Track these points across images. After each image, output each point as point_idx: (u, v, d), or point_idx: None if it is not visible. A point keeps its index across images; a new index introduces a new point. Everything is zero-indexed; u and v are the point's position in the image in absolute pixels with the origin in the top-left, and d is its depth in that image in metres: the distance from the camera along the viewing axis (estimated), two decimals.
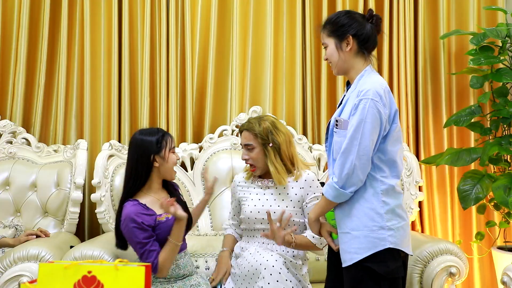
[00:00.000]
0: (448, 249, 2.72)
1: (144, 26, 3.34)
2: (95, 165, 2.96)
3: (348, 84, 2.13)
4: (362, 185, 1.96)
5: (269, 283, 2.22)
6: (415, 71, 3.47)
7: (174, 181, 2.50)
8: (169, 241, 2.29)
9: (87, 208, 3.27)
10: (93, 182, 2.92)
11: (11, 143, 3.23)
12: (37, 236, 2.77)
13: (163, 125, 3.30)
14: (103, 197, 2.92)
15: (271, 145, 2.39)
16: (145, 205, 2.32)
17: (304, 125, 3.39)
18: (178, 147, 3.25)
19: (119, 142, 3.28)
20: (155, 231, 2.30)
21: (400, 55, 3.39)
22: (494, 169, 3.25)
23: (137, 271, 1.51)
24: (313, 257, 2.82)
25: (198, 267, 2.72)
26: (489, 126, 3.23)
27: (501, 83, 3.19)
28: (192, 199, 3.12)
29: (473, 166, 3.30)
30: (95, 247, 2.57)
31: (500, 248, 3.16)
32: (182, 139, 3.34)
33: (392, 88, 3.32)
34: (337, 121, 2.03)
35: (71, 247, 2.63)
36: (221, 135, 3.29)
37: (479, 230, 3.33)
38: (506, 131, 3.20)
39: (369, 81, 1.99)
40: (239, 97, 3.37)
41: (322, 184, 2.07)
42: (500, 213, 3.20)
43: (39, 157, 3.19)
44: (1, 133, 3.24)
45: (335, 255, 2.10)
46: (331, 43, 2.06)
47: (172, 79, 3.32)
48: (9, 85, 3.37)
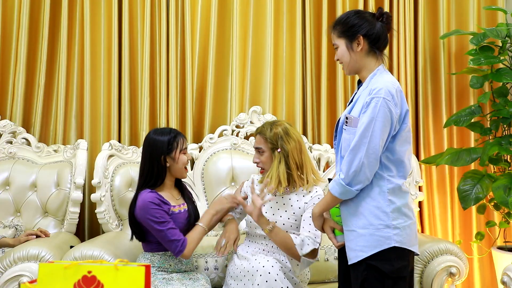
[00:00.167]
0: (448, 249, 2.72)
1: (144, 26, 3.34)
2: (95, 165, 2.97)
3: (359, 82, 2.13)
4: (368, 183, 1.97)
5: None
6: (415, 71, 3.47)
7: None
8: (198, 225, 2.44)
9: (87, 208, 3.27)
10: (93, 182, 2.92)
11: (11, 143, 3.23)
12: (37, 236, 2.78)
13: (163, 125, 3.29)
14: (103, 197, 2.92)
15: (279, 150, 2.40)
16: (161, 195, 2.41)
17: (304, 125, 3.39)
18: None
19: (119, 142, 3.28)
20: None
21: (400, 55, 3.39)
22: (494, 169, 3.25)
23: (137, 271, 1.51)
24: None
25: (197, 267, 2.72)
26: (489, 126, 3.23)
27: (501, 83, 3.19)
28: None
29: (473, 166, 3.30)
30: (95, 247, 2.57)
31: (500, 248, 3.17)
32: None
33: None
34: (347, 118, 2.03)
35: (71, 247, 2.64)
36: (221, 135, 3.29)
37: (479, 230, 3.33)
38: (506, 131, 3.20)
39: (381, 80, 2.00)
40: (239, 97, 3.37)
41: (329, 180, 2.07)
42: (500, 213, 3.20)
43: (39, 157, 3.19)
44: (1, 133, 3.24)
45: (344, 254, 2.10)
46: (341, 43, 2.07)
47: (172, 79, 3.32)
48: (9, 85, 3.37)
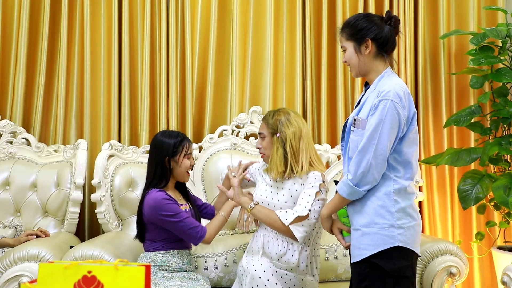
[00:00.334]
0: (448, 249, 2.73)
1: (144, 26, 3.34)
2: (95, 165, 2.97)
3: (366, 85, 2.16)
4: (376, 184, 1.99)
5: None
6: (415, 71, 3.47)
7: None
8: (219, 214, 2.54)
9: (87, 208, 3.27)
10: (93, 182, 2.93)
11: (11, 143, 3.23)
12: (37, 236, 2.78)
13: (163, 125, 3.29)
14: (103, 197, 2.92)
15: (278, 135, 2.42)
16: (168, 193, 2.46)
17: None
18: None
19: (119, 142, 3.28)
20: None
21: (400, 55, 3.39)
22: (494, 169, 3.25)
23: (137, 271, 1.50)
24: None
25: (197, 267, 2.72)
26: (489, 126, 3.23)
27: (501, 83, 3.19)
28: None
29: (473, 166, 3.30)
30: (95, 247, 2.57)
31: (500, 248, 3.17)
32: None
33: None
34: (355, 120, 2.05)
35: (71, 247, 2.64)
36: (221, 135, 3.29)
37: (479, 230, 3.33)
38: (506, 131, 3.20)
39: (390, 83, 2.02)
40: (239, 97, 3.37)
41: (336, 182, 2.08)
42: (500, 213, 3.20)
43: (39, 157, 3.19)
44: (1, 133, 3.24)
45: None
46: (350, 46, 2.09)
47: (172, 79, 3.32)
48: (9, 85, 3.37)
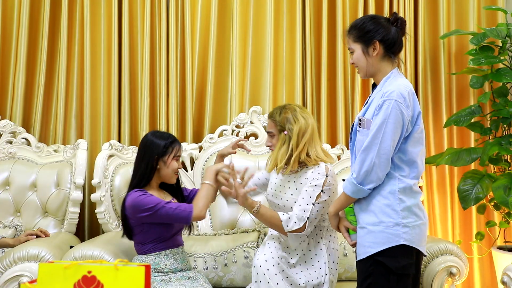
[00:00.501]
0: (448, 249, 2.72)
1: (144, 26, 3.34)
2: (95, 165, 2.97)
3: (374, 86, 2.18)
4: (381, 183, 2.01)
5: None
6: (415, 71, 3.47)
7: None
8: (202, 184, 2.42)
9: (87, 208, 3.27)
10: (93, 182, 2.93)
11: (11, 143, 3.23)
12: (37, 236, 2.77)
13: (163, 125, 3.30)
14: (103, 197, 2.92)
15: (285, 132, 2.43)
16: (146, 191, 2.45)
17: None
18: None
19: (119, 142, 3.28)
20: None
21: (400, 55, 3.38)
22: (494, 169, 3.25)
23: (137, 271, 1.50)
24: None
25: (196, 267, 2.71)
26: (489, 126, 3.23)
27: (501, 83, 3.19)
28: None
29: (473, 166, 3.30)
30: (95, 247, 2.57)
31: (500, 248, 3.17)
32: (182, 139, 3.33)
33: None
34: (360, 120, 2.08)
35: (71, 247, 2.64)
36: (221, 135, 3.29)
37: (479, 230, 3.33)
38: (506, 131, 3.19)
39: (395, 83, 2.04)
40: (239, 97, 3.37)
41: (344, 181, 2.11)
42: (500, 213, 3.20)
43: (39, 157, 3.19)
44: (1, 133, 3.24)
45: None
46: (357, 48, 2.11)
47: (172, 79, 3.32)
48: (9, 85, 3.37)
